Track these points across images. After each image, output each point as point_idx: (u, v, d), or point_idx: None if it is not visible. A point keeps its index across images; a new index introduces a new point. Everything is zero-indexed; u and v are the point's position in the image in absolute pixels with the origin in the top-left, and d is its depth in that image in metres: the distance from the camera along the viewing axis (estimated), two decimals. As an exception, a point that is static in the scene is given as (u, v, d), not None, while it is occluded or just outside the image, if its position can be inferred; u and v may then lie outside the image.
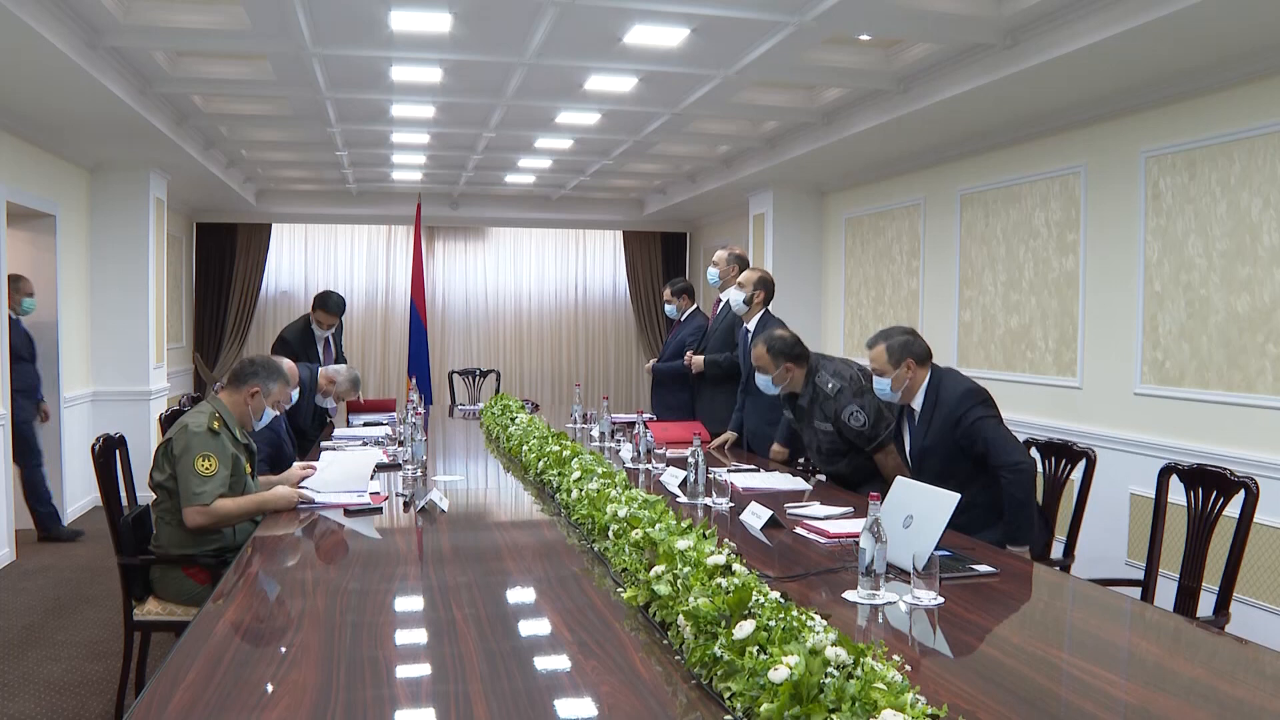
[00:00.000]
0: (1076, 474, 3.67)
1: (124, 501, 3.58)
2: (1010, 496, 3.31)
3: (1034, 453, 3.80)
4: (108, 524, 3.39)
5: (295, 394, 4.51)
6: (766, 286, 5.04)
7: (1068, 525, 3.62)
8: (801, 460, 4.69)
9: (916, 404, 3.57)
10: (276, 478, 3.78)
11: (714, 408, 5.46)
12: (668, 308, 6.14)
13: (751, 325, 5.02)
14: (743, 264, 5.58)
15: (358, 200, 10.68)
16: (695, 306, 6.11)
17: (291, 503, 3.47)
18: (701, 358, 5.47)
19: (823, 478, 4.17)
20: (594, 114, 6.61)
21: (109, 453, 3.50)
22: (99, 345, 7.41)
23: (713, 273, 5.66)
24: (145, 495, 4.04)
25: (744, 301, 5.00)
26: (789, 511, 3.34)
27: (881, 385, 3.60)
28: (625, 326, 12.05)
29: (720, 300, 5.62)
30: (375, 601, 2.46)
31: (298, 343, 6.43)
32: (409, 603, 2.46)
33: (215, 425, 3.42)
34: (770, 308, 5.10)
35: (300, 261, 11.22)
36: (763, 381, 4.19)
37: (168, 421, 4.52)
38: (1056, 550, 3.63)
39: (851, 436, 3.96)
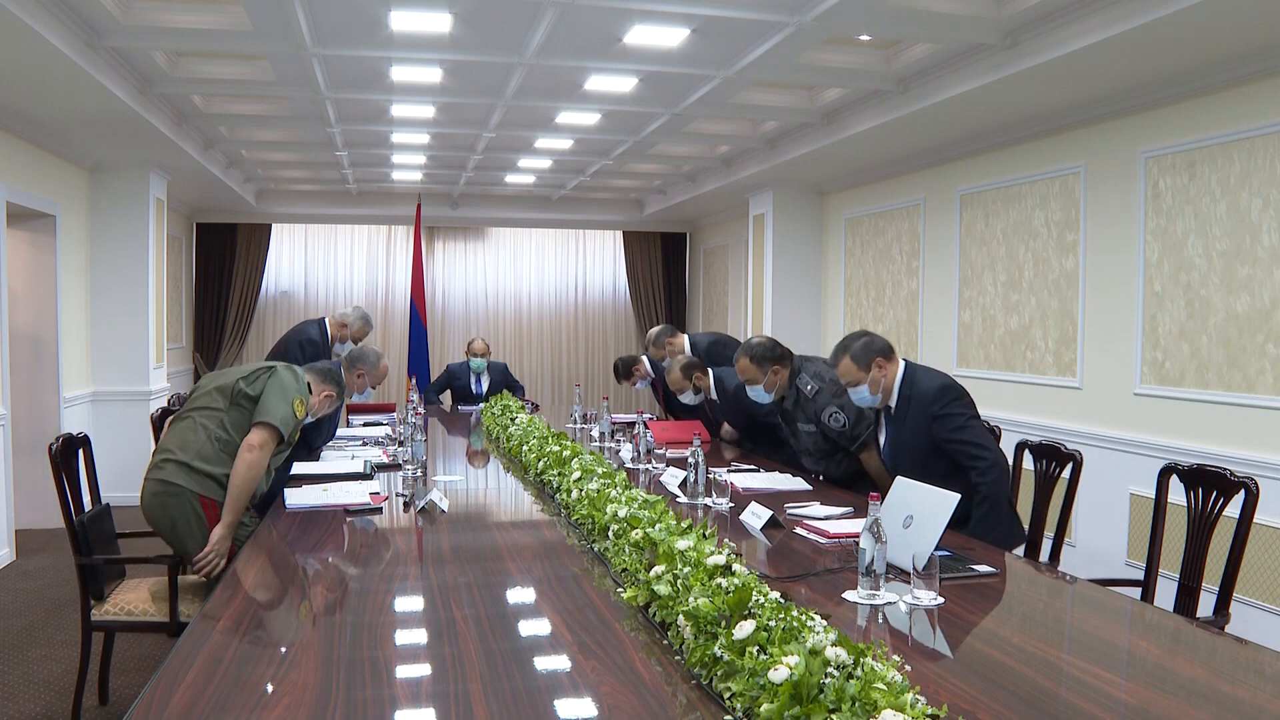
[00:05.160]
0: (1066, 476, 3.61)
1: (86, 503, 3.54)
2: (978, 496, 3.29)
3: (1026, 455, 3.80)
4: (64, 523, 3.32)
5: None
6: (698, 366, 5.10)
7: (1055, 527, 3.58)
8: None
9: (892, 401, 3.51)
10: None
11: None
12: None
13: (715, 395, 5.08)
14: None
15: (358, 200, 10.68)
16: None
17: (212, 552, 3.31)
18: None
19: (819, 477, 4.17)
20: (594, 114, 6.61)
21: (70, 452, 3.48)
22: (99, 345, 7.41)
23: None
24: (107, 495, 4.02)
25: (694, 392, 5.07)
26: (789, 511, 3.34)
27: (860, 394, 3.51)
28: (625, 327, 12.05)
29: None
30: (375, 601, 2.46)
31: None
32: (409, 603, 2.46)
33: (299, 405, 3.54)
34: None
35: (300, 261, 11.23)
36: (755, 393, 4.18)
37: (160, 420, 4.55)
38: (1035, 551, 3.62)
39: (834, 437, 3.97)
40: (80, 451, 3.59)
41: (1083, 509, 5.23)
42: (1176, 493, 3.14)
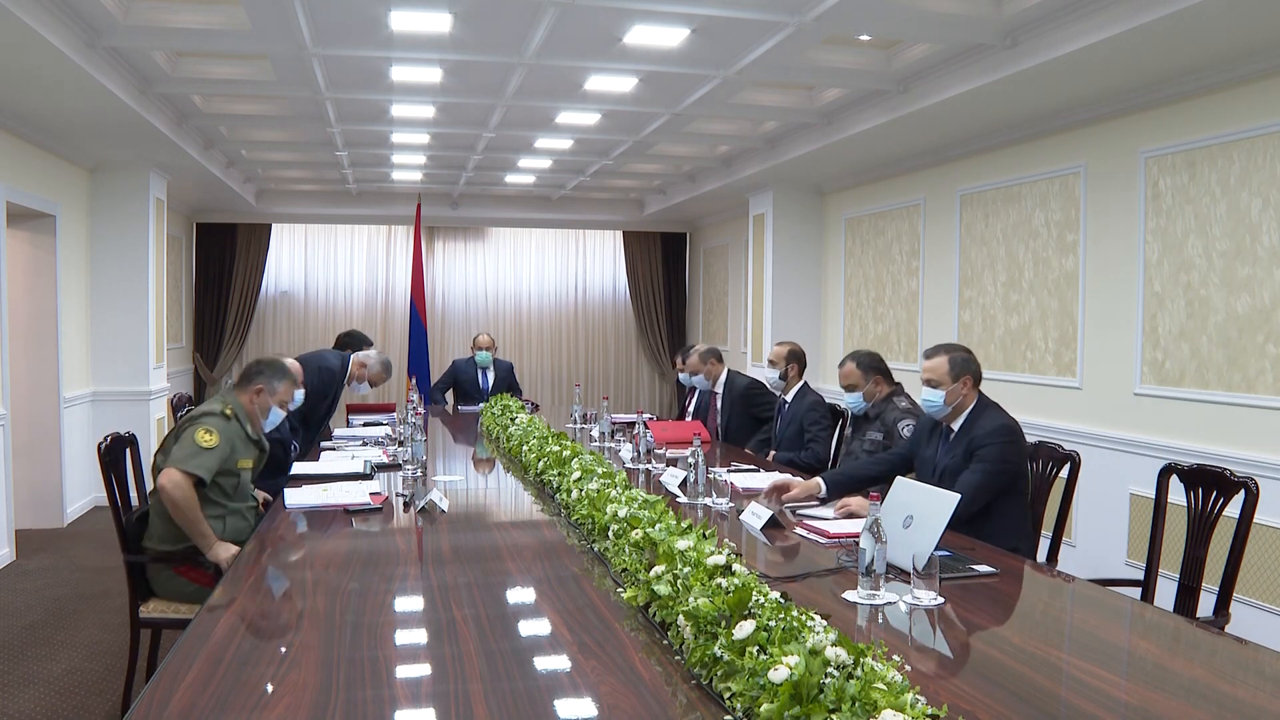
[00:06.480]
0: (1065, 475, 3.60)
1: (134, 501, 3.60)
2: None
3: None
4: (113, 522, 3.39)
5: (300, 394, 4.30)
6: (798, 359, 5.07)
7: (1054, 527, 3.57)
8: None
9: (956, 425, 3.51)
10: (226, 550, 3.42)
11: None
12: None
13: (790, 397, 5.08)
14: (715, 354, 5.71)
15: (358, 200, 10.68)
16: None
17: (224, 561, 3.30)
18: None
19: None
20: (594, 114, 6.61)
21: (118, 451, 3.53)
22: (99, 345, 7.41)
23: (699, 379, 5.80)
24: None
25: (780, 377, 5.06)
26: (789, 511, 3.34)
27: (934, 397, 3.47)
28: (625, 327, 12.05)
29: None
30: (375, 601, 2.46)
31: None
32: (409, 603, 2.46)
33: (228, 411, 3.53)
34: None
35: (300, 261, 11.22)
36: (853, 399, 4.34)
37: (179, 407, 4.66)
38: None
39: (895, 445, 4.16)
40: (128, 451, 3.63)
41: (1083, 509, 5.23)
42: (1176, 493, 3.14)
